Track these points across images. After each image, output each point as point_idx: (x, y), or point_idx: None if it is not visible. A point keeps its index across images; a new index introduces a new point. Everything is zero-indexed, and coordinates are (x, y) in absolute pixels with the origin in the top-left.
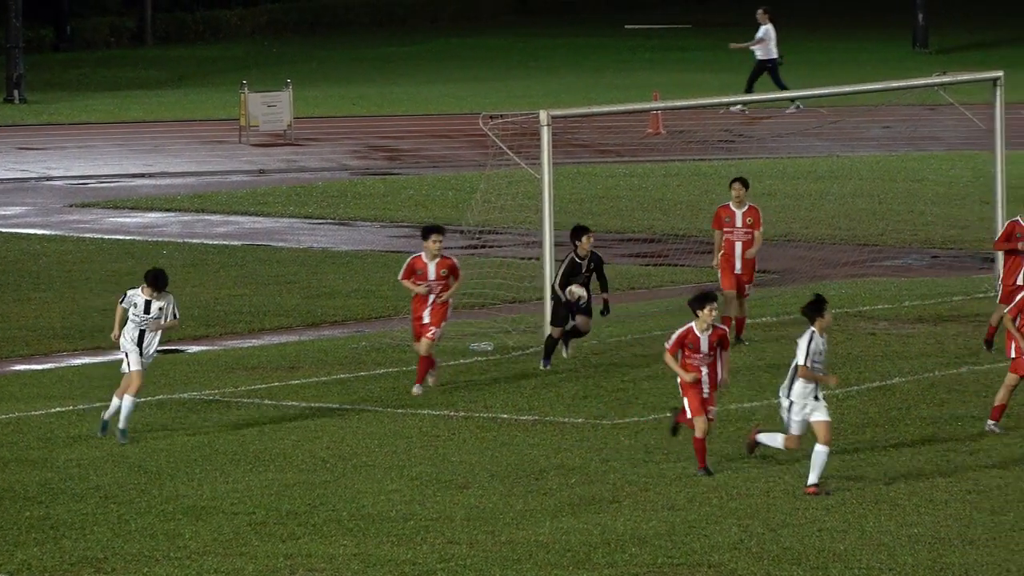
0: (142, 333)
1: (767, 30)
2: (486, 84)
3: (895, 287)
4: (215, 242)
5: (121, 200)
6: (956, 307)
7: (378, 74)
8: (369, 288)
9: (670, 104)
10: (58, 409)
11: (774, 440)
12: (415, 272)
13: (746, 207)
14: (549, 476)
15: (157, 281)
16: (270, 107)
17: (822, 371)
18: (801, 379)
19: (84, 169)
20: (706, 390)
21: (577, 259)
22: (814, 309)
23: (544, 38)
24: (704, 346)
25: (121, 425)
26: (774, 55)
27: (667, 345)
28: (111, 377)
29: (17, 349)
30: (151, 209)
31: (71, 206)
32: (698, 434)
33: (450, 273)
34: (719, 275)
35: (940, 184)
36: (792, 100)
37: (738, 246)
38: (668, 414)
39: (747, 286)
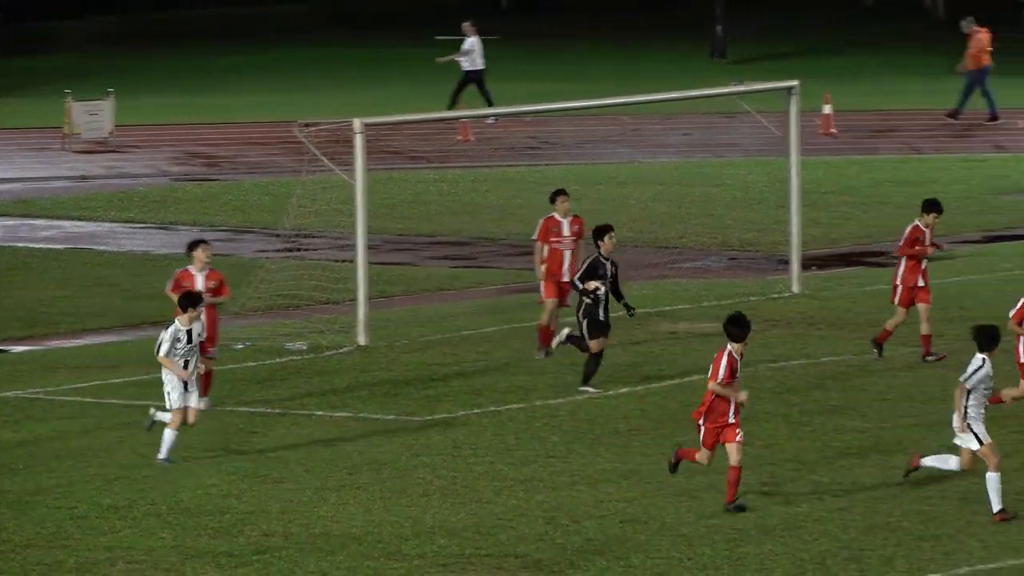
0: (185, 364)
1: (473, 42)
2: (303, 94)
3: (695, 288)
4: (39, 246)
5: None
6: (753, 307)
7: (198, 84)
8: (188, 289)
9: (478, 112)
10: None
11: (946, 463)
12: (182, 286)
13: (571, 217)
14: (362, 471)
15: (198, 299)
16: (92, 115)
17: (987, 395)
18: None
19: None
20: (732, 416)
21: (601, 259)
22: (993, 339)
23: (359, 49)
24: (739, 370)
25: (161, 455)
26: (480, 67)
27: (718, 378)
28: None
29: None
30: None
31: None
32: (702, 460)
33: (218, 287)
34: (541, 285)
35: (737, 189)
36: (493, 115)
37: (567, 255)
38: (672, 456)
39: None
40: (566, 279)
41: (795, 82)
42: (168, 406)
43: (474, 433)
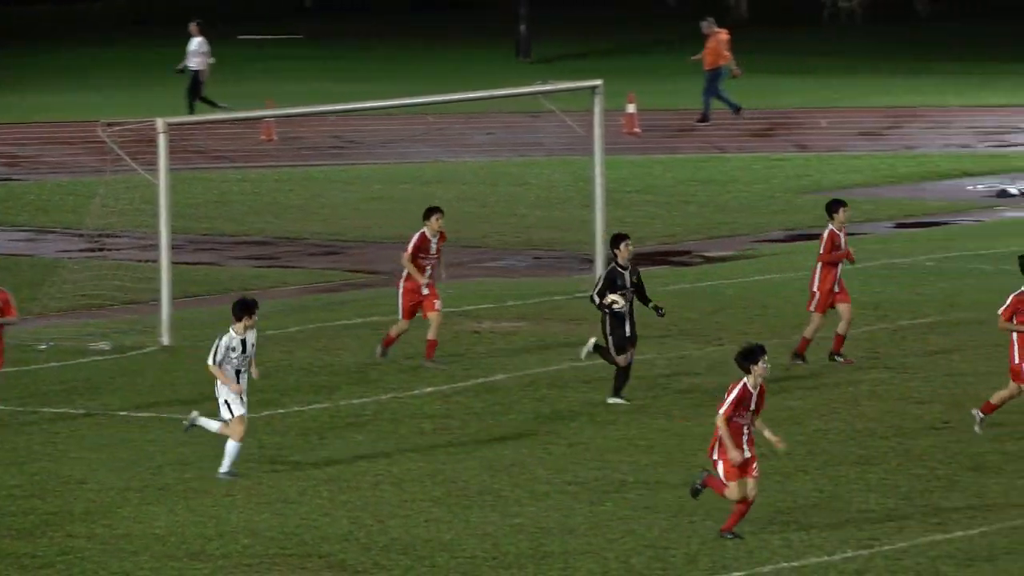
0: (238, 374)
1: (200, 42)
2: (104, 93)
3: (499, 287)
4: None
5: None
6: (557, 306)
7: None
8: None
9: (281, 112)
10: None
11: None
12: None
13: (438, 235)
14: (165, 471)
15: (252, 307)
16: None
17: None
18: None
19: None
20: (748, 451)
21: (619, 268)
22: None
23: (159, 48)
24: (753, 403)
25: (224, 468)
26: (203, 68)
27: (722, 409)
28: None
29: None
30: None
31: None
32: (732, 496)
33: (4, 307)
34: (400, 302)
35: (542, 188)
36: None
37: (428, 270)
38: (699, 480)
39: (436, 301)
40: (425, 292)
41: (599, 81)
42: (227, 416)
43: (278, 433)
